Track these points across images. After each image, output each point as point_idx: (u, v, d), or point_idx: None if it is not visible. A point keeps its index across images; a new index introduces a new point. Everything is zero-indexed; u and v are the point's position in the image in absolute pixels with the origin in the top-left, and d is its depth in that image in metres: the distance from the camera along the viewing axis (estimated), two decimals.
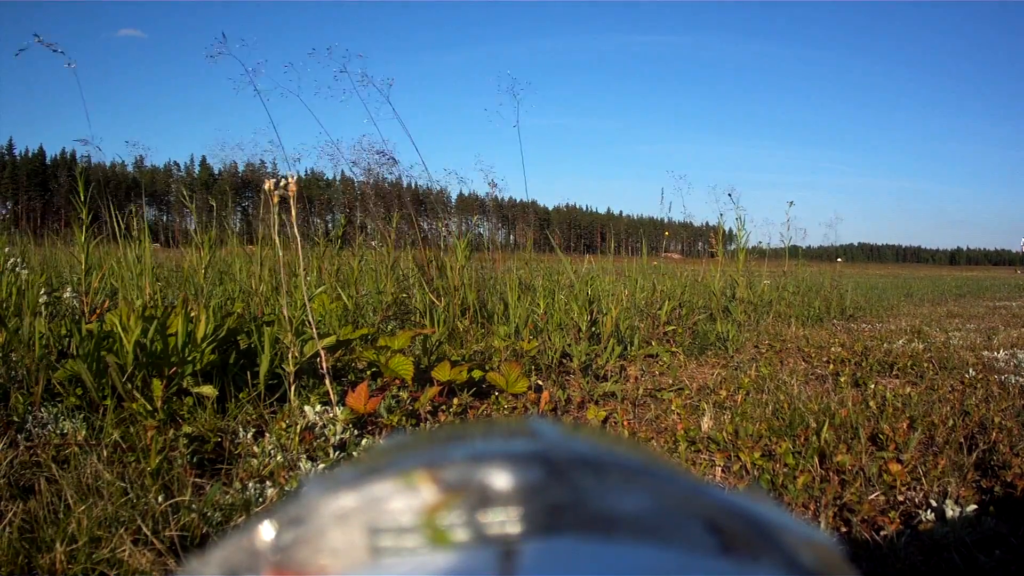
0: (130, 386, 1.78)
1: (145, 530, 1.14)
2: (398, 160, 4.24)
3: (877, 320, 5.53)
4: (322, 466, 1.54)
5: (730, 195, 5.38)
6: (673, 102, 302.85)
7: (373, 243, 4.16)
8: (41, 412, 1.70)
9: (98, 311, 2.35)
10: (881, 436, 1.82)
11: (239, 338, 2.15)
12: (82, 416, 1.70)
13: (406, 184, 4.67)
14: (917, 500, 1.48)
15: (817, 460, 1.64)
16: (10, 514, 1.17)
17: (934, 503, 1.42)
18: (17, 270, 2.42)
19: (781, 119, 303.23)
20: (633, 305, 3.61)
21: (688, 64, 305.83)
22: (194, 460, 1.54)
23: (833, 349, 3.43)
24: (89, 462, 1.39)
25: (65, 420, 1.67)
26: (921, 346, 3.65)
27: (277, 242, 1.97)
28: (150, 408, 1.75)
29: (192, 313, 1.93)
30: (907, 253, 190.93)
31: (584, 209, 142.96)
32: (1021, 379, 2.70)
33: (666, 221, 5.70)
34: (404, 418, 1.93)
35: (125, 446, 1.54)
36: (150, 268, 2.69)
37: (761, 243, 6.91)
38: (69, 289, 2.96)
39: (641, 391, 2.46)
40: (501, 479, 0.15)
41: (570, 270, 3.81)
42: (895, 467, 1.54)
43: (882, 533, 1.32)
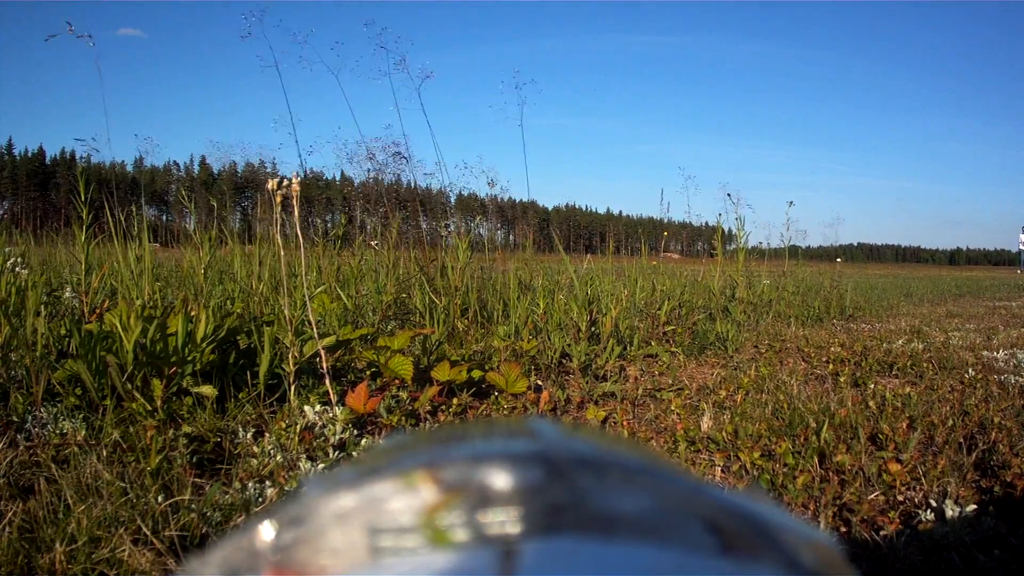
0: (130, 386, 1.78)
1: (145, 530, 1.14)
2: (408, 158, 4.25)
3: (877, 320, 5.53)
4: (322, 466, 1.54)
5: (728, 195, 5.39)
6: (674, 102, 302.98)
7: (373, 243, 4.16)
8: (41, 412, 1.70)
9: (98, 311, 2.35)
10: (881, 436, 1.82)
11: (239, 338, 2.15)
12: (82, 416, 1.70)
13: (406, 184, 4.68)
14: (917, 500, 1.48)
15: (817, 460, 1.65)
16: (10, 514, 1.17)
17: (934, 503, 1.42)
18: (17, 270, 2.42)
19: (781, 119, 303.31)
20: (633, 305, 3.61)
21: (688, 64, 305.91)
22: (194, 460, 1.54)
23: (833, 349, 3.43)
24: (89, 462, 1.39)
25: (65, 420, 1.66)
26: (921, 346, 3.65)
27: (279, 242, 1.97)
28: (150, 408, 1.76)
29: (192, 313, 1.93)
30: (907, 253, 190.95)
31: (584, 209, 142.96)
32: (1021, 379, 2.70)
33: (666, 221, 5.70)
34: (404, 418, 1.93)
35: (125, 446, 1.54)
36: (150, 268, 2.69)
37: (761, 243, 6.92)
38: (69, 289, 2.96)
39: (641, 391, 2.46)
40: (501, 479, 0.16)
41: (571, 270, 3.80)
42: (895, 467, 1.54)
43: (882, 533, 1.32)
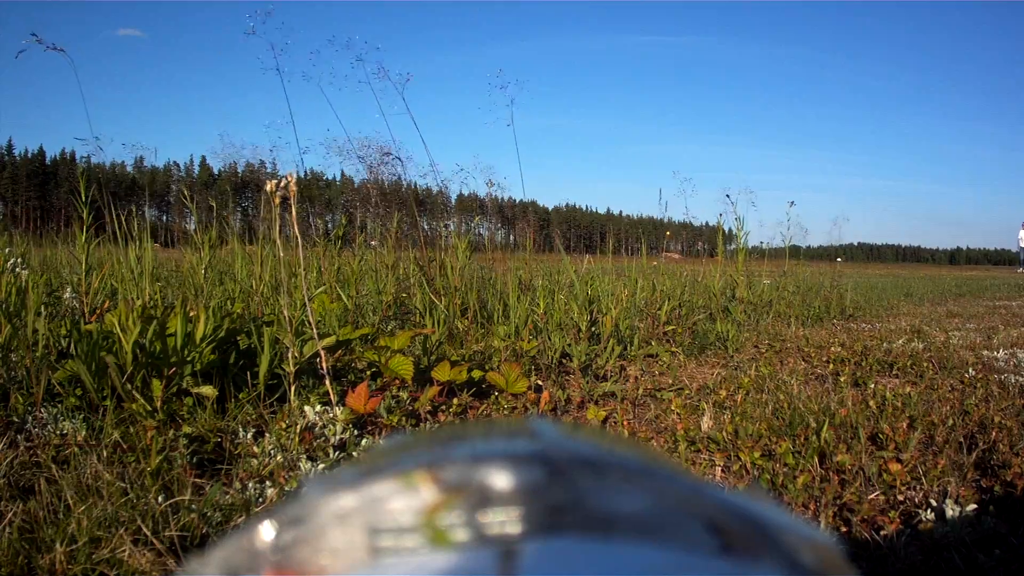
0: (130, 386, 1.78)
1: (145, 530, 1.14)
2: (403, 159, 4.25)
3: (877, 320, 5.52)
4: (322, 466, 1.54)
5: (728, 195, 5.39)
6: (675, 103, 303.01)
7: (373, 243, 4.16)
8: (41, 412, 1.70)
9: (98, 311, 2.35)
10: (881, 436, 1.82)
11: (239, 338, 2.15)
12: (82, 416, 1.70)
13: (406, 184, 4.68)
14: (917, 500, 1.48)
15: (817, 460, 1.64)
16: (10, 514, 1.17)
17: (934, 503, 1.42)
18: (17, 270, 2.43)
19: (781, 120, 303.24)
20: (633, 305, 3.61)
21: (689, 65, 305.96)
22: (194, 460, 1.54)
23: (833, 349, 3.43)
24: (89, 462, 1.39)
25: (65, 420, 1.66)
26: (921, 346, 3.65)
27: (278, 242, 1.97)
28: (150, 408, 1.76)
29: (192, 313, 1.93)
30: (907, 253, 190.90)
31: (584, 209, 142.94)
32: (1021, 378, 2.70)
33: (666, 221, 5.70)
34: (404, 418, 1.93)
35: (125, 446, 1.54)
36: (150, 268, 2.69)
37: (762, 243, 6.92)
38: (69, 289, 2.96)
39: (641, 391, 2.46)
40: (501, 479, 0.15)
41: (571, 270, 3.80)
42: (895, 467, 1.54)
43: (882, 533, 1.32)
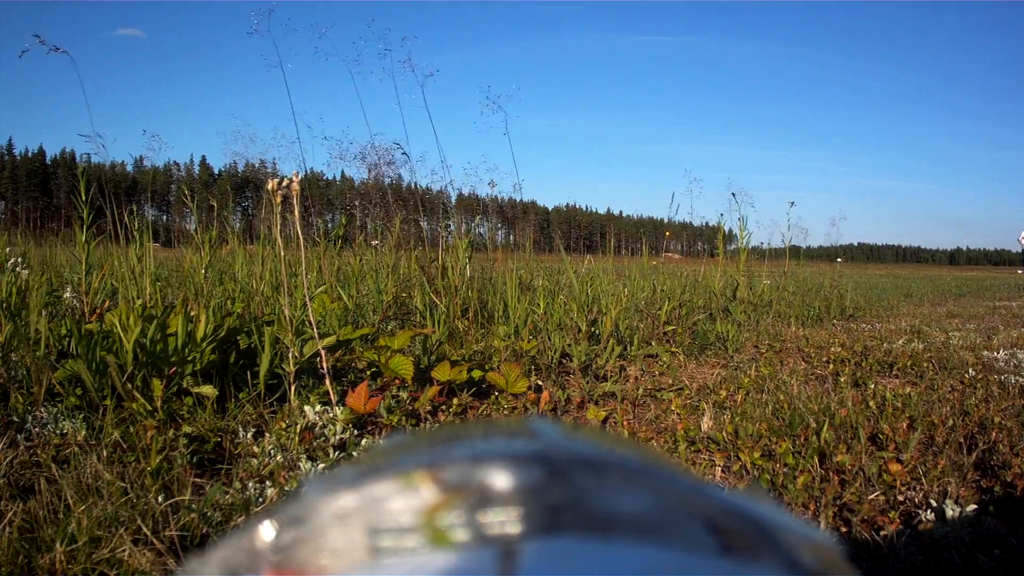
0: (130, 386, 1.78)
1: (145, 530, 1.14)
2: (411, 156, 4.25)
3: (877, 320, 5.52)
4: (322, 466, 1.54)
5: (733, 195, 5.40)
6: (675, 103, 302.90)
7: (374, 242, 4.16)
8: (41, 412, 1.70)
9: (98, 311, 2.35)
10: (881, 436, 1.82)
11: (239, 338, 2.15)
12: (82, 416, 1.70)
13: (407, 184, 4.68)
14: (917, 500, 1.48)
15: (817, 460, 1.64)
16: (10, 514, 1.17)
17: (934, 503, 1.42)
18: (17, 270, 2.43)
19: (781, 120, 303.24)
20: (633, 305, 3.60)
21: (690, 65, 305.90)
22: (194, 460, 1.54)
23: (833, 349, 3.43)
24: (89, 462, 1.39)
25: (65, 420, 1.67)
26: (921, 346, 3.65)
27: (279, 241, 1.97)
28: (150, 408, 1.76)
29: (192, 313, 1.93)
30: (907, 253, 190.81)
31: (584, 209, 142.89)
32: (1021, 379, 2.70)
33: (667, 221, 5.70)
34: (404, 418, 1.93)
35: (125, 446, 1.54)
36: (150, 268, 2.69)
37: (763, 243, 6.92)
38: (69, 289, 2.96)
39: (641, 391, 2.46)
40: (501, 479, 0.15)
41: (571, 271, 3.80)
42: (895, 467, 1.54)
43: (882, 533, 1.32)
